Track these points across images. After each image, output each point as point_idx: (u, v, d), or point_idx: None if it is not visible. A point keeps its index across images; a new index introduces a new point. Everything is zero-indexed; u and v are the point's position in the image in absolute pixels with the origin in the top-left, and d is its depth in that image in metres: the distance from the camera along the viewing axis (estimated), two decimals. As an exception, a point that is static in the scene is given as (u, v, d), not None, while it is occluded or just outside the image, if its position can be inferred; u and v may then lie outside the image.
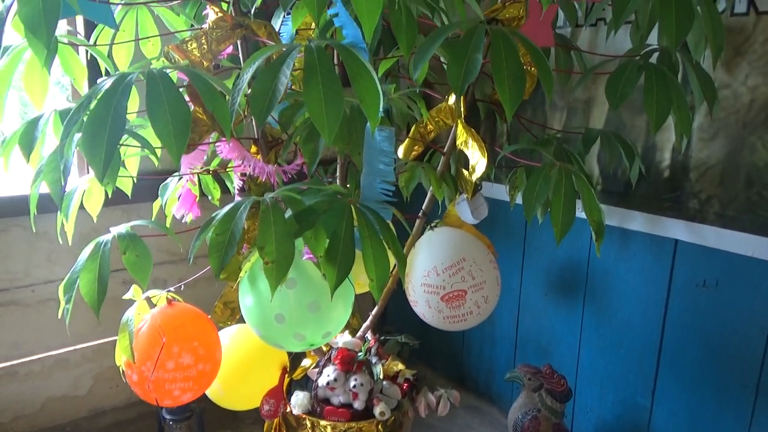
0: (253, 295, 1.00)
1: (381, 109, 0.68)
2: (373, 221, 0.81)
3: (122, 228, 0.89)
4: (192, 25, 1.20)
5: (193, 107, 0.99)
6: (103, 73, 1.16)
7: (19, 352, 1.70)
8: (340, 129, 0.75)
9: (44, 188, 0.95)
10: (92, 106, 0.64)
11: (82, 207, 1.14)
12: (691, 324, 1.39)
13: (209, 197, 1.34)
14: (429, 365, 2.16)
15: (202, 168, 1.22)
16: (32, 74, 0.97)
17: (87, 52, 1.33)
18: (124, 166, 1.07)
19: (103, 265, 0.83)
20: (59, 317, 0.92)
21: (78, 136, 0.70)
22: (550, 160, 0.96)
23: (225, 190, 1.33)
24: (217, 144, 1.00)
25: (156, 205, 1.31)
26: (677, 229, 1.39)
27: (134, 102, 1.06)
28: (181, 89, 0.77)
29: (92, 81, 1.17)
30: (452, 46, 0.80)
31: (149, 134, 0.96)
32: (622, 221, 1.50)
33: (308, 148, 0.87)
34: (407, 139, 1.27)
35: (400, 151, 1.29)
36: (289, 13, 1.00)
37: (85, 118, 0.65)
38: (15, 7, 0.63)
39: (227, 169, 1.17)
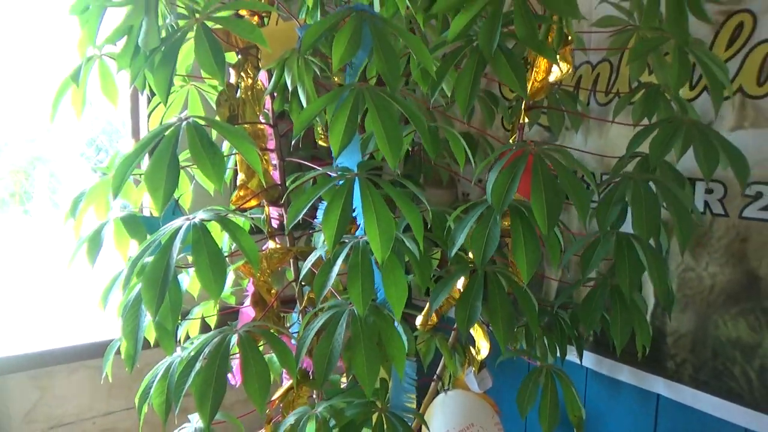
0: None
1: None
2: (399, 428, 1.05)
3: (192, 426, 1.13)
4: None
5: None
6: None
7: (80, 478, 1.91)
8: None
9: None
10: (198, 368, 0.89)
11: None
12: (674, 471, 1.58)
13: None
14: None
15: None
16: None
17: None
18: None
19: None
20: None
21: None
22: (536, 369, 1.20)
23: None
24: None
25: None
26: (659, 385, 1.60)
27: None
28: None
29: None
30: (459, 295, 1.06)
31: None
32: (611, 371, 1.72)
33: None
34: (423, 314, 1.52)
35: (418, 321, 1.54)
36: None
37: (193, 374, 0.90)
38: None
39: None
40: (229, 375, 1.49)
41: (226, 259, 0.91)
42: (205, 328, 1.55)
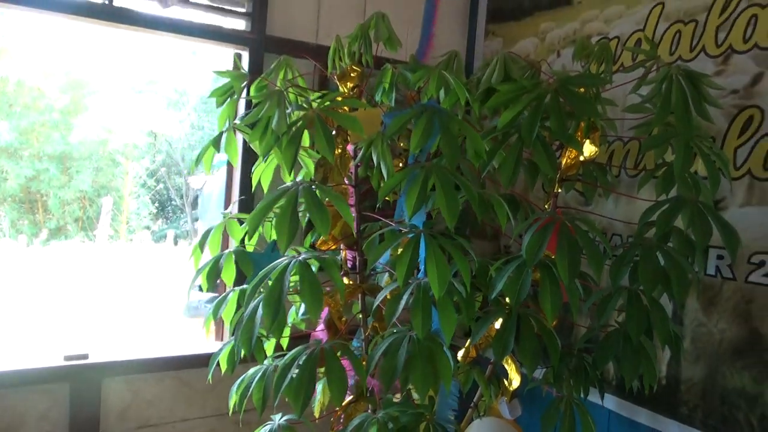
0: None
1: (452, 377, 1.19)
2: (443, 435, 1.30)
3: (273, 423, 1.41)
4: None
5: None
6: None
7: (157, 475, 2.20)
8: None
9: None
10: (294, 374, 1.18)
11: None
12: (686, 508, 1.75)
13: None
14: None
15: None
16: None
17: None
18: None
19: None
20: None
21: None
22: (558, 397, 1.44)
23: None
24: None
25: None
26: (673, 428, 1.79)
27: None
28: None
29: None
30: (495, 333, 1.32)
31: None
32: (631, 413, 1.91)
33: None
34: (464, 347, 1.77)
35: (460, 354, 1.79)
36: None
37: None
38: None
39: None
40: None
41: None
42: (277, 347, 1.84)
